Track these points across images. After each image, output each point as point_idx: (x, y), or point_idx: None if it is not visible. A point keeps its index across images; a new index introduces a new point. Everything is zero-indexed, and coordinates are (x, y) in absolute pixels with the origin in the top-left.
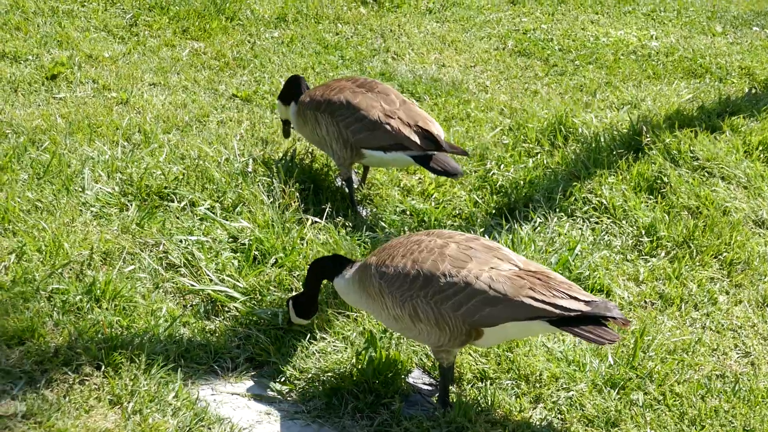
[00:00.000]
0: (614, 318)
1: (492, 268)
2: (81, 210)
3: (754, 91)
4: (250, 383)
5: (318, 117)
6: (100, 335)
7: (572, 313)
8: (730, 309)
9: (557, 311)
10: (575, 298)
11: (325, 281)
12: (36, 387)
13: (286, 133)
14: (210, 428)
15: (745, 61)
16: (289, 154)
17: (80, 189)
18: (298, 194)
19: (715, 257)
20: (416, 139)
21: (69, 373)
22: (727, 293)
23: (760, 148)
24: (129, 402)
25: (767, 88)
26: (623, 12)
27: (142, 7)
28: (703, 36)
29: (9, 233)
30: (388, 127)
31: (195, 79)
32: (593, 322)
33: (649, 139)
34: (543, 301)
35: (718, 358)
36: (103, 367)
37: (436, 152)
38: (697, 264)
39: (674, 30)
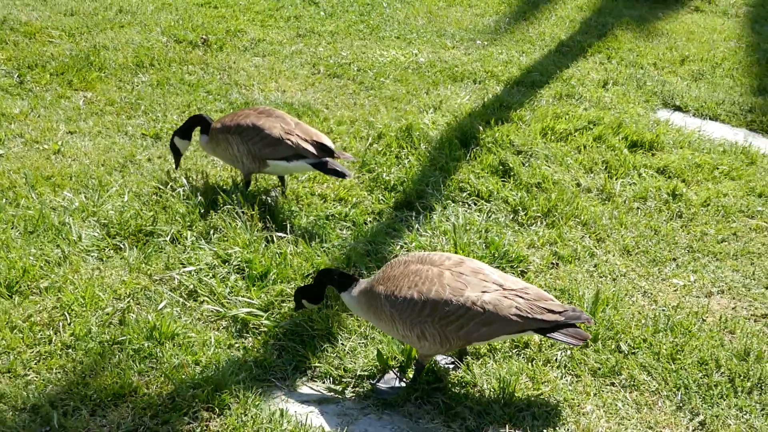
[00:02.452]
0: (582, 320)
1: (484, 291)
2: (84, 257)
3: (510, 87)
4: (305, 388)
5: (229, 138)
6: (184, 376)
7: (551, 324)
8: (608, 259)
9: (539, 325)
10: (551, 311)
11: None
12: None
13: (177, 165)
14: None
15: (484, 66)
16: (241, 182)
17: (77, 238)
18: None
19: (572, 220)
20: (312, 149)
21: (191, 422)
22: (597, 247)
23: (548, 133)
24: None
25: (510, 86)
26: (380, 37)
27: (22, 66)
28: (443, 50)
29: (45, 291)
30: (289, 142)
31: (103, 124)
32: (568, 325)
33: (485, 135)
34: (527, 318)
35: (633, 302)
36: (217, 410)
37: (329, 159)
38: (565, 227)
39: (422, 48)
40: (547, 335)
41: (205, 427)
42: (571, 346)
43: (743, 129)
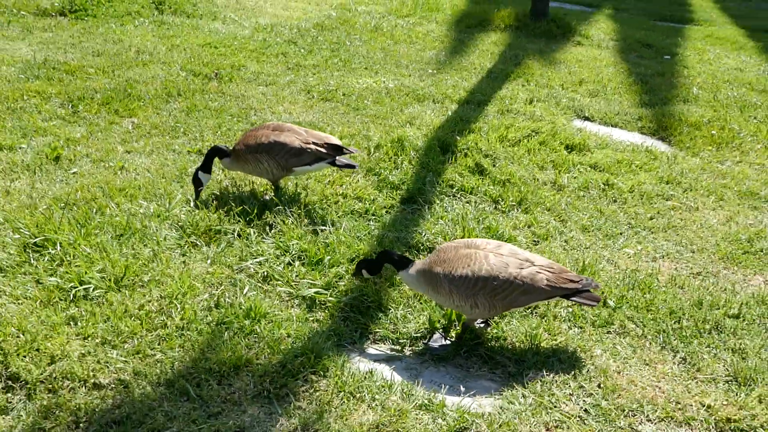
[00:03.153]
0: (593, 287)
1: (521, 268)
2: (170, 254)
3: (462, 105)
4: (371, 350)
5: (258, 157)
6: (283, 347)
7: (572, 290)
8: (573, 236)
9: (564, 292)
10: (572, 281)
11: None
12: (289, 401)
13: (197, 196)
14: (405, 390)
15: (438, 90)
16: (282, 189)
17: (163, 238)
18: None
19: (540, 207)
20: (326, 151)
21: (303, 384)
22: (563, 227)
23: (503, 140)
24: (362, 393)
25: (462, 105)
26: (352, 68)
27: (72, 98)
28: (404, 78)
29: (152, 283)
30: (309, 150)
31: (153, 144)
32: (584, 291)
33: (459, 143)
34: (555, 287)
35: (602, 268)
36: (321, 373)
37: (338, 156)
38: (536, 212)
39: (387, 76)
40: (570, 299)
41: (317, 388)
42: (589, 306)
43: (637, 133)
